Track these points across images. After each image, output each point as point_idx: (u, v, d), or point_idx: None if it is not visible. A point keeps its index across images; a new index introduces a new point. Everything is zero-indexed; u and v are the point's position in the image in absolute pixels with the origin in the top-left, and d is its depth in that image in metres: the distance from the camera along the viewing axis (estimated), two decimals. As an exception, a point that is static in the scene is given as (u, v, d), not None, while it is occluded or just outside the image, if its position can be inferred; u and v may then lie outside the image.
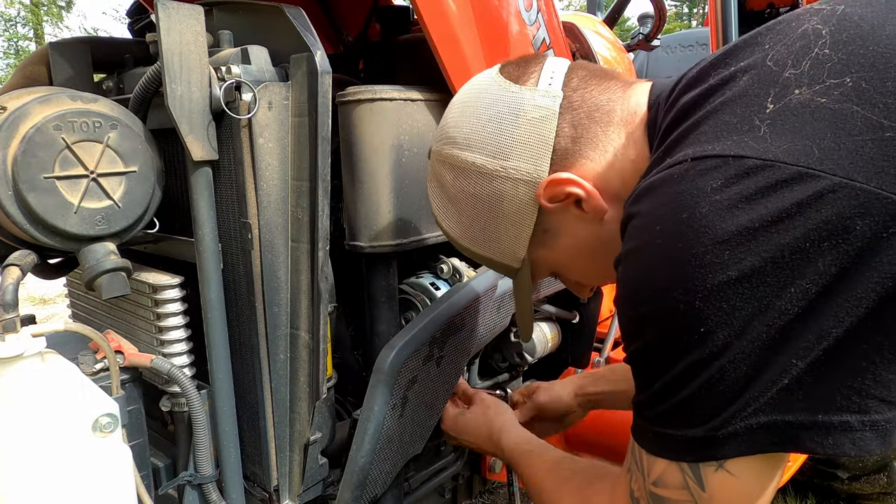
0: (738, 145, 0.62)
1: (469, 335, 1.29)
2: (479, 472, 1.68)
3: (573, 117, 0.81)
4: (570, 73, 0.84)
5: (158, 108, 1.00)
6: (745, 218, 0.58)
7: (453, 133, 0.88)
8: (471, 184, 0.86)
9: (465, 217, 0.90)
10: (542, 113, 0.81)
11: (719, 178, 0.61)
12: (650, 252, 0.65)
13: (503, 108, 0.83)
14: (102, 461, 0.85)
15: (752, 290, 0.58)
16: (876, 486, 2.25)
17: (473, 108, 0.86)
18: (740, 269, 0.58)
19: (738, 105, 0.65)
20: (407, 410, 1.20)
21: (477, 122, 0.85)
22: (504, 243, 0.89)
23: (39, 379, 0.83)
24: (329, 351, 1.14)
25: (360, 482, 1.15)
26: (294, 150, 1.05)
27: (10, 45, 19.32)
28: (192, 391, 1.03)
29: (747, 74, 0.67)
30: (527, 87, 0.83)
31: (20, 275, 0.88)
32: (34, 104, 0.88)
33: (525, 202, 0.84)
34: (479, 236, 0.90)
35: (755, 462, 0.64)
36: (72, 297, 1.41)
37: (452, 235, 0.94)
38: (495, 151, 0.83)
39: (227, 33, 1.11)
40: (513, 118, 0.82)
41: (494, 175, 0.84)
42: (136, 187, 0.97)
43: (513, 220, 0.86)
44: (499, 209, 0.86)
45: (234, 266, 1.09)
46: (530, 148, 0.82)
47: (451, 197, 0.90)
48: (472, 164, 0.85)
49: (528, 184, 0.82)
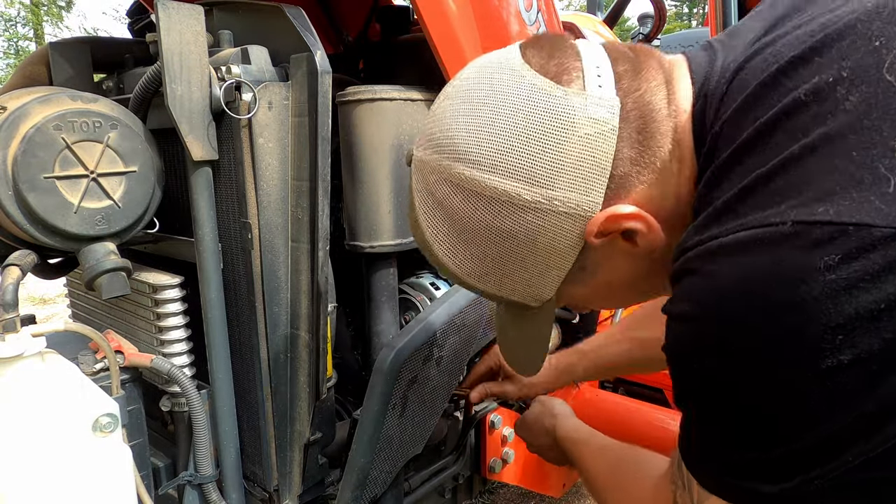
0: (861, 208, 0.48)
1: (469, 335, 1.29)
2: (479, 472, 1.68)
3: (629, 131, 0.64)
4: (615, 66, 0.66)
5: (158, 108, 1.00)
6: (868, 299, 0.48)
7: (468, 147, 0.65)
8: (494, 215, 0.66)
9: (477, 252, 0.70)
10: (599, 129, 0.63)
11: (836, 254, 0.48)
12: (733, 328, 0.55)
13: (546, 120, 0.63)
14: (102, 461, 0.85)
15: (864, 373, 0.50)
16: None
17: (498, 114, 0.65)
18: (854, 353, 0.49)
19: (850, 143, 0.50)
20: (407, 410, 1.20)
21: (507, 137, 0.64)
22: (527, 283, 0.71)
23: (39, 379, 0.83)
24: (329, 351, 1.14)
25: (360, 482, 1.15)
26: (294, 150, 1.05)
27: (10, 45, 19.32)
28: (192, 391, 1.03)
29: (856, 91, 0.51)
30: (573, 92, 0.63)
31: (20, 275, 0.88)
32: (34, 104, 0.88)
33: (568, 239, 0.66)
34: (492, 274, 0.71)
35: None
36: (72, 297, 1.41)
37: (453, 271, 0.74)
38: (535, 177, 0.63)
39: (227, 33, 1.11)
40: (560, 135, 0.63)
41: (532, 207, 0.64)
42: (136, 187, 0.97)
43: (546, 259, 0.68)
44: (529, 246, 0.67)
45: (234, 266, 1.09)
46: (583, 174, 0.64)
47: (458, 227, 0.69)
48: (501, 192, 0.64)
49: (575, 218, 0.65)
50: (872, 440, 0.52)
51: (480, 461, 1.66)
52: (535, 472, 1.73)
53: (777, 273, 0.51)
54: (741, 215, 0.55)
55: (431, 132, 0.70)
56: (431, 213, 0.71)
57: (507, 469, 1.67)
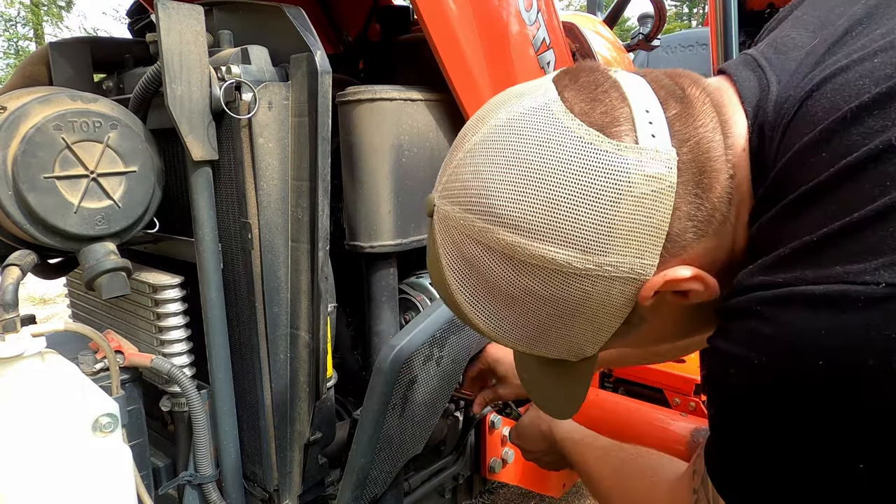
0: None
1: (469, 335, 1.29)
2: (479, 472, 1.68)
3: (686, 184, 0.58)
4: (665, 108, 0.60)
5: (158, 108, 1.00)
6: None
7: (507, 210, 0.58)
8: (540, 283, 0.60)
9: (517, 318, 0.64)
10: (656, 187, 0.57)
11: None
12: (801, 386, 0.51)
13: (597, 180, 0.56)
14: (102, 461, 0.85)
15: None
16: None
17: (541, 173, 0.57)
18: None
19: None
20: (407, 410, 1.20)
21: (553, 200, 0.57)
22: (570, 344, 0.66)
23: (39, 379, 0.83)
24: (329, 351, 1.14)
25: (360, 482, 1.15)
26: (294, 150, 1.05)
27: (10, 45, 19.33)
28: (192, 391, 1.03)
29: None
30: (626, 146, 0.57)
31: (20, 275, 0.88)
32: (34, 104, 0.88)
33: (619, 302, 0.61)
34: (532, 338, 0.66)
35: None
36: (72, 297, 1.41)
37: (485, 332, 0.68)
38: (586, 245, 0.58)
39: (227, 33, 1.11)
40: (613, 196, 0.56)
41: (583, 275, 0.59)
42: (136, 187, 0.97)
43: (594, 321, 0.63)
44: (577, 311, 0.62)
45: (234, 266, 1.09)
46: (638, 238, 0.58)
47: (496, 292, 0.63)
48: (548, 260, 0.58)
49: (628, 282, 0.59)
50: None
51: (480, 461, 1.66)
52: (535, 472, 1.73)
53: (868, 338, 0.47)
54: (824, 266, 0.50)
55: (458, 185, 0.62)
56: (463, 275, 0.64)
57: (507, 469, 1.67)
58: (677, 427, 1.71)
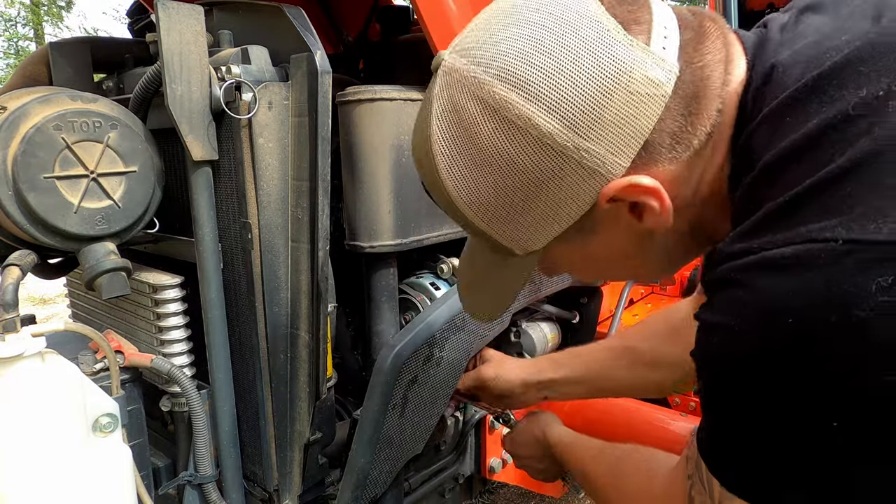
0: None
1: (469, 335, 1.29)
2: (479, 472, 1.68)
3: (678, 103, 0.61)
4: (682, 31, 0.62)
5: (158, 108, 1.00)
6: None
7: (514, 66, 0.60)
8: (519, 151, 0.61)
9: (487, 184, 0.64)
10: (651, 91, 0.59)
11: (889, 275, 0.47)
12: (774, 347, 0.53)
13: (603, 64, 0.58)
14: (102, 461, 0.85)
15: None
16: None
17: (555, 42, 0.59)
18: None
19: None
20: (407, 410, 1.20)
21: (558, 68, 0.59)
22: (522, 229, 0.67)
23: (39, 379, 0.83)
24: (329, 351, 1.14)
25: (360, 482, 1.15)
26: (294, 150, 1.05)
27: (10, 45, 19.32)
28: (192, 391, 1.03)
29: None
30: (637, 44, 0.59)
31: (20, 275, 0.88)
32: (34, 104, 0.88)
33: (580, 195, 0.62)
34: (492, 211, 0.66)
35: None
36: (72, 297, 1.41)
37: (449, 193, 0.67)
38: (575, 123, 0.59)
39: (227, 33, 1.11)
40: (612, 85, 0.59)
41: (560, 152, 0.60)
42: (136, 187, 0.97)
43: (552, 209, 0.64)
44: (542, 192, 0.63)
45: (234, 266, 1.09)
46: (620, 133, 0.60)
47: (475, 153, 0.63)
48: (533, 125, 0.59)
49: (595, 176, 0.61)
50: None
51: (480, 461, 1.66)
52: (535, 472, 1.73)
53: (829, 294, 0.49)
54: (790, 228, 0.53)
55: (471, 40, 0.63)
56: (447, 127, 0.65)
57: (507, 469, 1.67)
58: (677, 427, 1.71)
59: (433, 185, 0.70)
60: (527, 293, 1.47)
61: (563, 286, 1.60)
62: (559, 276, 0.89)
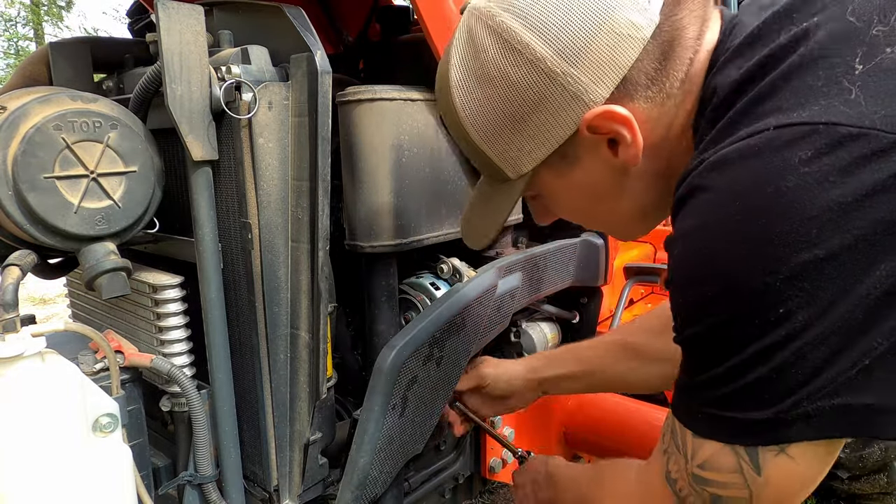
0: (828, 111, 0.56)
1: (469, 335, 1.29)
2: (479, 472, 1.68)
3: (656, 48, 0.71)
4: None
5: (158, 108, 1.00)
6: (837, 192, 0.54)
7: (522, 3, 0.72)
8: (517, 71, 0.72)
9: (488, 103, 0.76)
10: (631, 32, 0.70)
11: (808, 149, 0.55)
12: (725, 228, 0.60)
13: (595, 5, 0.70)
14: (102, 461, 0.85)
15: (838, 270, 0.54)
16: (876, 486, 2.25)
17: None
18: (828, 247, 0.54)
19: (819, 66, 0.59)
20: (407, 410, 1.20)
21: (557, 4, 0.71)
22: (515, 149, 0.77)
23: (39, 379, 0.83)
24: (329, 351, 1.14)
25: (360, 482, 1.15)
26: (294, 150, 1.05)
27: (10, 45, 19.31)
28: (192, 391, 1.03)
29: (823, 30, 0.61)
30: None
31: (20, 275, 0.88)
32: (34, 104, 0.88)
33: (565, 119, 0.72)
34: (491, 129, 0.77)
35: (818, 446, 0.62)
36: (72, 297, 1.41)
37: (458, 114, 0.79)
38: (564, 50, 0.70)
39: (227, 33, 1.11)
40: (599, 22, 0.70)
41: (550, 75, 0.71)
42: (136, 187, 0.97)
43: (540, 130, 0.74)
44: (532, 112, 0.73)
45: (234, 266, 1.09)
46: (602, 65, 0.70)
47: (482, 73, 0.75)
48: (531, 49, 0.71)
49: (578, 102, 0.71)
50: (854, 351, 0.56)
51: (480, 461, 1.66)
52: (535, 472, 1.73)
53: (762, 172, 0.57)
54: (736, 132, 0.62)
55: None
56: (463, 52, 0.77)
57: (507, 469, 1.67)
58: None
59: (447, 108, 0.81)
60: (527, 292, 1.47)
61: (563, 286, 1.61)
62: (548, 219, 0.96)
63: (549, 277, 1.54)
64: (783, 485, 0.64)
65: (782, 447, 0.62)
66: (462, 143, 0.83)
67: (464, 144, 0.83)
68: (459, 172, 1.32)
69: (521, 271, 1.43)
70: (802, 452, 0.62)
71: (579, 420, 1.93)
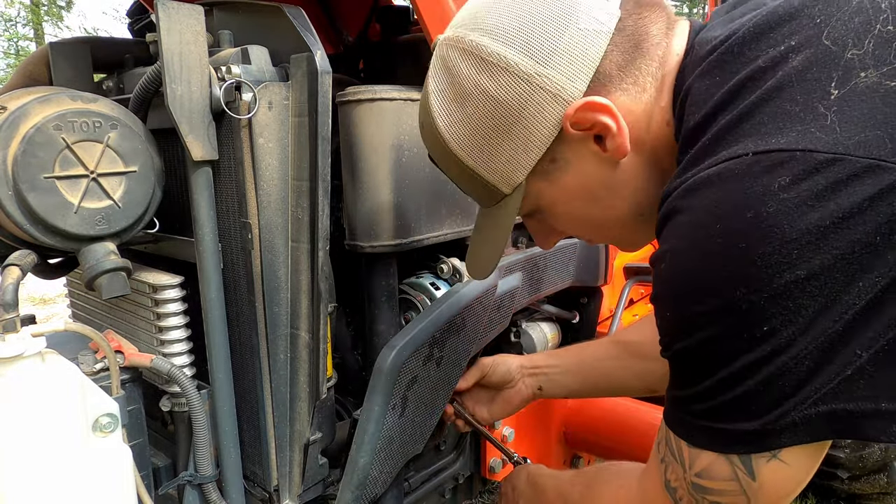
0: (805, 137, 0.58)
1: (469, 335, 1.29)
2: (479, 472, 1.69)
3: (622, 42, 0.74)
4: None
5: (158, 108, 1.00)
6: (815, 216, 0.56)
7: (487, 20, 0.76)
8: (493, 82, 0.75)
9: (471, 119, 0.78)
10: (596, 27, 0.73)
11: (787, 175, 0.57)
12: (707, 250, 0.62)
13: (555, 7, 0.73)
14: (102, 461, 0.85)
15: (819, 288, 0.57)
16: (876, 486, 2.25)
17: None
18: (809, 267, 0.56)
19: (797, 91, 0.61)
20: (407, 410, 1.20)
21: (520, 14, 0.74)
22: (504, 160, 0.78)
23: (39, 379, 0.83)
24: (329, 351, 1.14)
25: (360, 482, 1.15)
26: (294, 150, 1.05)
27: (10, 45, 19.30)
28: (192, 391, 1.03)
29: (801, 54, 0.62)
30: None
31: (20, 275, 0.88)
32: (34, 104, 0.88)
33: (548, 119, 0.74)
34: (477, 145, 0.79)
35: (808, 449, 0.64)
36: (72, 297, 1.41)
37: (445, 140, 0.81)
38: (535, 53, 0.73)
39: (227, 33, 1.11)
40: (563, 21, 0.73)
41: (526, 79, 0.73)
42: (136, 187, 0.97)
43: (526, 135, 0.76)
44: (515, 119, 0.75)
45: (234, 266, 1.09)
46: (574, 61, 0.73)
47: (460, 92, 0.77)
48: (503, 58, 0.73)
49: (557, 100, 0.73)
50: (836, 362, 0.58)
51: (480, 461, 1.66)
52: (535, 472, 1.73)
53: (742, 197, 0.59)
54: (713, 154, 0.64)
55: (456, 17, 0.82)
56: (439, 79, 0.81)
57: (507, 469, 1.67)
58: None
59: (433, 140, 0.83)
60: (527, 292, 1.47)
61: (563, 286, 1.61)
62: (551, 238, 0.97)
63: (549, 277, 1.54)
64: (777, 487, 0.67)
65: (774, 453, 0.65)
66: (454, 172, 0.85)
67: (456, 172, 0.85)
68: (459, 172, 1.32)
69: (521, 271, 1.43)
70: (793, 456, 0.65)
71: (579, 420, 1.93)
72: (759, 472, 0.66)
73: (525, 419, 1.73)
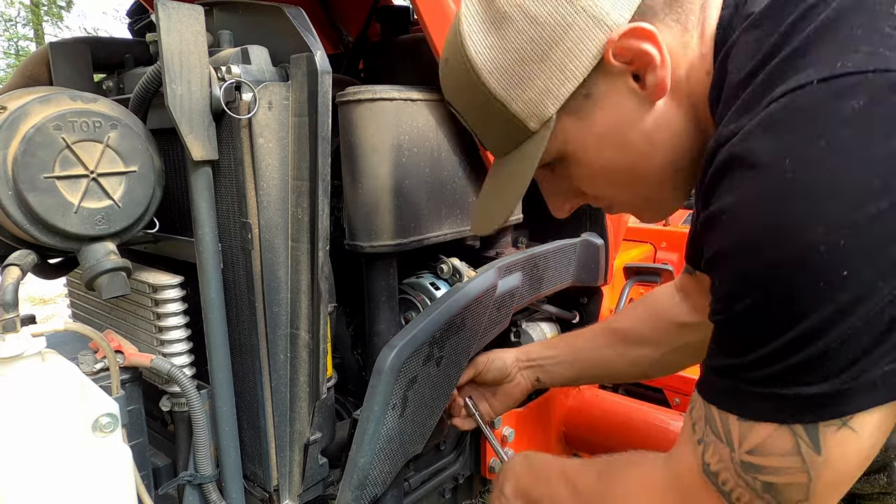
0: (874, 58, 0.53)
1: (469, 335, 1.29)
2: (479, 472, 1.68)
3: None
4: None
5: (158, 108, 1.00)
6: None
7: None
8: (536, 1, 0.71)
9: (506, 43, 0.73)
10: None
11: (861, 97, 0.52)
12: (777, 189, 0.55)
13: None
14: (102, 461, 0.85)
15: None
16: (876, 486, 2.25)
17: None
18: (892, 199, 0.51)
19: (856, 17, 0.57)
20: (407, 410, 1.20)
21: None
22: (538, 90, 0.73)
23: (39, 379, 0.83)
24: (329, 351, 1.14)
25: (360, 482, 1.15)
26: (294, 150, 1.05)
27: (10, 45, 19.31)
28: (192, 391, 1.03)
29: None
30: None
31: (20, 275, 0.88)
32: (34, 104, 0.88)
33: (589, 46, 0.70)
34: (510, 71, 0.74)
35: (879, 413, 0.58)
36: (72, 297, 1.41)
37: (474, 65, 0.75)
38: None
39: (227, 33, 1.11)
40: None
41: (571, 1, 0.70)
42: (136, 187, 0.97)
43: (564, 62, 0.71)
44: (555, 43, 0.71)
45: (234, 266, 1.09)
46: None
47: (498, 14, 0.73)
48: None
49: (600, 26, 0.70)
50: None
51: (480, 461, 1.66)
52: (535, 472, 1.73)
53: (811, 123, 0.54)
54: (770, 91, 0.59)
55: None
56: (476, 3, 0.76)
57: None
58: (677, 427, 1.71)
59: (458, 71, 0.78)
60: (527, 292, 1.47)
61: (563, 286, 1.61)
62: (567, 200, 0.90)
63: (550, 277, 1.54)
64: (843, 461, 0.60)
65: (844, 420, 0.58)
66: (476, 106, 0.79)
67: (478, 108, 0.79)
68: (459, 172, 1.32)
69: (522, 271, 1.43)
70: (865, 422, 0.58)
71: (579, 420, 1.93)
72: (825, 444, 0.59)
73: (525, 419, 1.73)
